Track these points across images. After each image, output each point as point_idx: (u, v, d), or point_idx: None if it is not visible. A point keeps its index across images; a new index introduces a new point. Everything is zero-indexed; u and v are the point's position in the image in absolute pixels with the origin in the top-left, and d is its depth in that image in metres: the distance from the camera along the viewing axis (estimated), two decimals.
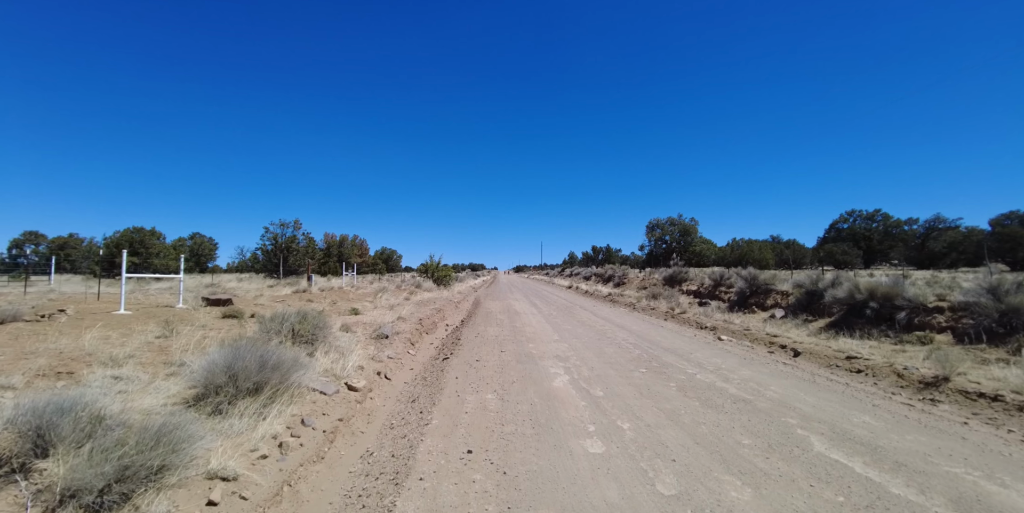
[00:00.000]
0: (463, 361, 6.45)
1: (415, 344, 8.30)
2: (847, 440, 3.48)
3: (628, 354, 7.01)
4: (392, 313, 11.42)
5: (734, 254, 35.37)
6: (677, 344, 8.14)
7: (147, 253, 22.27)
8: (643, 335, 9.17)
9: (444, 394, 4.85)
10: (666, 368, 6.05)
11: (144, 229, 23.09)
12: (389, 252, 68.50)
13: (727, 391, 4.93)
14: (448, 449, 3.33)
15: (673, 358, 6.79)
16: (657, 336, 9.14)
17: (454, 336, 8.93)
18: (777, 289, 14.67)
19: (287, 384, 4.57)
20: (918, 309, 9.26)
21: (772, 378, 5.63)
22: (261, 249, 22.86)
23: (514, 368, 5.93)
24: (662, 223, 38.65)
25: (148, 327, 7.00)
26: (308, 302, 13.37)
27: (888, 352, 7.87)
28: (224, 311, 9.49)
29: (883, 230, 38.06)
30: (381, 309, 12.65)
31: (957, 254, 30.14)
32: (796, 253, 43.37)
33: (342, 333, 8.22)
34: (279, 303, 12.74)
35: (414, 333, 8.93)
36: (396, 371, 6.50)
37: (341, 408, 4.72)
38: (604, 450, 3.30)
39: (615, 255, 67.75)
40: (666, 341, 8.48)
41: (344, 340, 7.57)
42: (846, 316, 10.66)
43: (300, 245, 23.98)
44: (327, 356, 6.29)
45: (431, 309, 12.70)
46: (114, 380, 4.33)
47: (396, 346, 7.80)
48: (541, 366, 6.06)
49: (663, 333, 9.66)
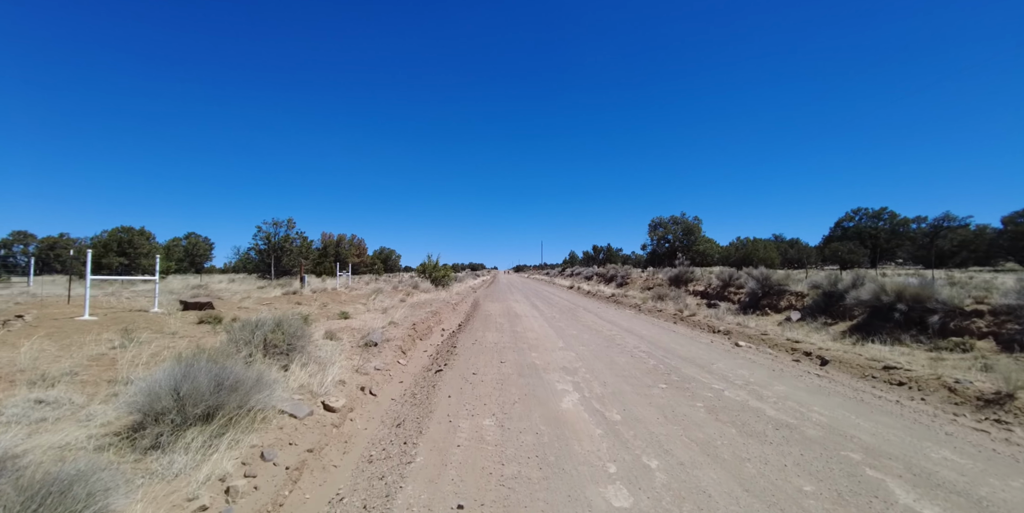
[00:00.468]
0: (458, 374, 5.73)
1: (407, 352, 7.59)
2: (936, 487, 2.77)
3: (642, 365, 6.29)
4: (384, 317, 10.71)
5: (739, 253, 34.64)
6: (694, 352, 7.43)
7: (135, 253, 21.52)
8: (655, 341, 8.46)
9: (434, 418, 4.13)
10: (688, 382, 5.34)
11: (132, 229, 22.29)
12: (388, 252, 67.77)
13: (764, 413, 4.22)
14: (433, 503, 2.62)
15: (693, 369, 6.07)
16: (670, 342, 8.42)
17: (450, 343, 8.22)
18: (791, 290, 13.96)
19: (248, 407, 3.85)
20: (953, 312, 8.54)
21: (811, 395, 4.92)
22: (253, 249, 22.12)
23: (515, 383, 5.22)
24: (665, 222, 37.90)
25: (107, 335, 6.29)
26: (297, 305, 12.67)
27: (926, 361, 7.16)
28: (201, 316, 8.77)
29: (890, 229, 37.34)
30: (373, 312, 11.94)
31: (968, 253, 29.43)
32: (801, 252, 42.67)
33: (326, 341, 7.51)
34: (265, 306, 12.03)
35: (406, 340, 8.21)
36: (383, 385, 5.79)
37: (313, 434, 3.99)
38: (632, 503, 2.58)
39: (616, 254, 67.07)
40: (681, 348, 7.77)
41: (327, 349, 6.86)
42: (870, 319, 9.96)
43: (294, 245, 23.23)
44: (304, 369, 5.58)
45: (426, 312, 11.99)
46: (36, 405, 3.61)
47: (385, 355, 7.09)
48: (546, 381, 5.34)
49: (676, 339, 8.95)
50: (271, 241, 21.94)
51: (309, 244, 24.15)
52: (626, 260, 61.99)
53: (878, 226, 41.33)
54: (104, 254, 20.65)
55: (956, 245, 30.50)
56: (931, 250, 34.25)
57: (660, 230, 37.84)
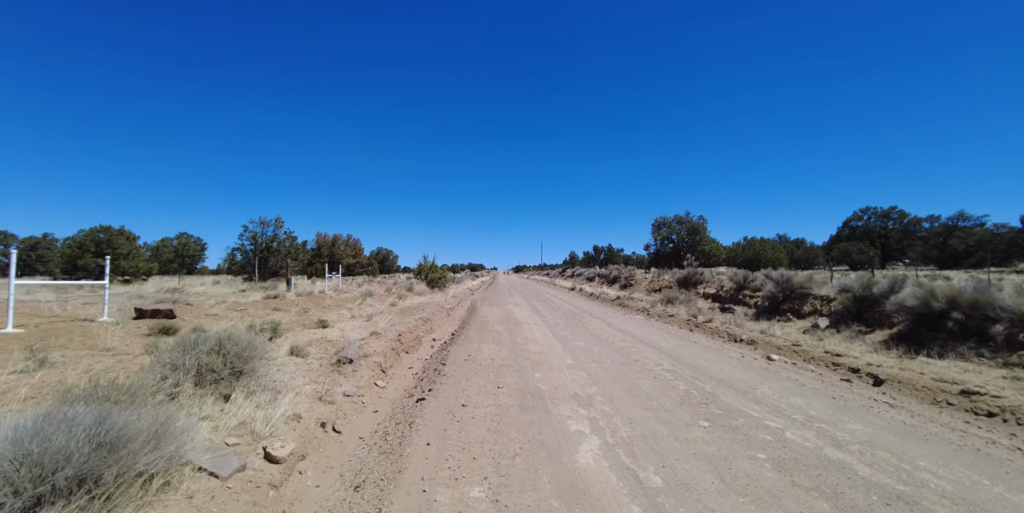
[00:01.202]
0: (443, 406, 4.58)
1: (387, 371, 6.44)
2: None
3: (671, 390, 5.16)
4: (368, 325, 9.56)
5: (746, 253, 33.54)
6: (726, 370, 6.29)
7: (115, 254, 20.31)
8: (677, 355, 7.32)
9: (402, 483, 2.99)
10: (735, 417, 4.20)
11: (111, 228, 21.03)
12: (385, 252, 66.65)
13: (855, 471, 3.09)
14: None
15: (734, 396, 4.94)
16: (694, 356, 7.29)
17: (439, 358, 7.08)
18: (815, 293, 12.83)
19: (138, 471, 2.71)
20: (1020, 322, 7.43)
21: (901, 438, 3.78)
22: (239, 250, 20.94)
23: (516, 421, 4.07)
24: (669, 221, 36.75)
25: (18, 355, 5.14)
26: (274, 310, 11.52)
27: (1004, 382, 6.03)
28: (154, 326, 7.62)
29: (901, 228, 36.25)
30: (358, 319, 10.80)
31: (985, 253, 28.32)
32: (808, 253, 41.57)
33: (291, 358, 6.36)
34: (238, 312, 10.89)
35: (389, 354, 7.07)
36: (352, 417, 4.65)
37: (238, 505, 2.85)
38: None
39: (617, 255, 66.00)
40: (710, 365, 6.63)
41: (289, 370, 5.72)
42: (915, 328, 8.83)
43: (283, 245, 22.04)
44: (251, 400, 4.45)
45: (417, 319, 10.84)
46: None
47: (360, 375, 5.94)
48: (556, 417, 4.20)
49: (699, 352, 7.81)
50: (257, 241, 20.76)
51: (299, 245, 22.99)
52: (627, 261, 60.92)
53: (887, 226, 40.27)
54: (80, 255, 19.46)
55: (972, 245, 29.39)
56: (945, 250, 33.18)
57: (664, 230, 36.68)
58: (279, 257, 21.32)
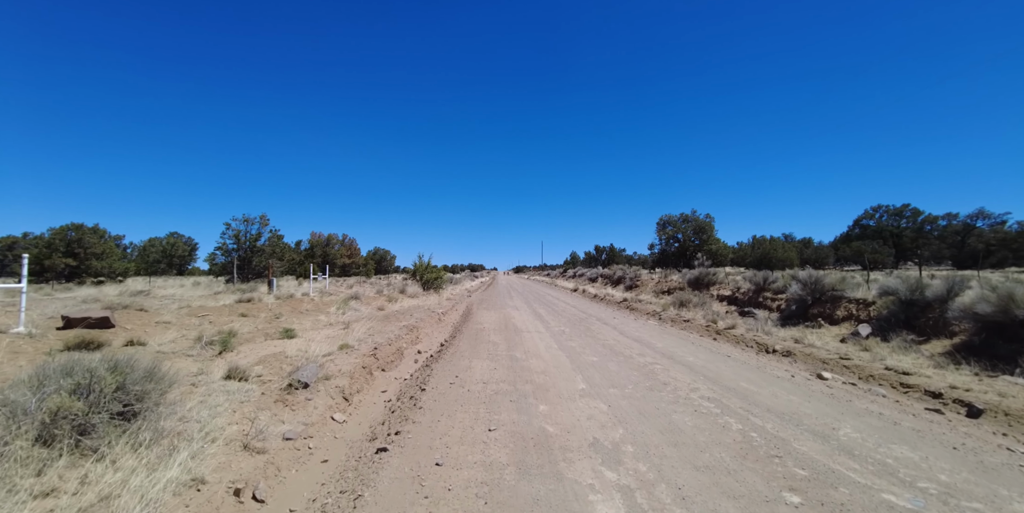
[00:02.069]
0: (408, 468, 3.24)
1: (351, 398, 5.09)
2: None
3: (724, 433, 3.82)
4: (344, 335, 8.22)
5: (755, 253, 32.18)
6: (781, 397, 4.95)
7: (86, 254, 18.94)
8: (713, 375, 5.98)
9: None
10: (832, 485, 2.88)
11: (84, 226, 19.56)
12: (382, 252, 65.29)
13: None
14: None
15: (812, 443, 3.60)
16: (733, 375, 5.95)
17: (419, 380, 5.74)
18: (849, 296, 11.49)
19: None
20: None
21: None
22: (221, 249, 19.57)
23: (513, 502, 2.73)
24: (674, 220, 35.37)
25: None
26: (240, 317, 10.20)
27: None
28: (76, 339, 6.29)
29: (917, 227, 34.88)
30: (335, 327, 9.47)
31: (1007, 252, 26.99)
32: (818, 252, 40.21)
33: (228, 383, 5.02)
34: (197, 319, 9.55)
35: (358, 374, 5.72)
36: (288, 474, 3.32)
37: None
38: None
39: (619, 255, 64.65)
40: (758, 389, 5.29)
41: (216, 401, 4.38)
42: (988, 339, 7.51)
43: (267, 243, 20.68)
44: (136, 455, 3.13)
45: (402, 326, 9.50)
46: None
47: (314, 406, 4.61)
48: (572, 488, 2.86)
49: (736, 369, 6.47)
50: (240, 240, 19.39)
51: (285, 244, 21.60)
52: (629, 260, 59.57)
53: (900, 224, 38.92)
54: (47, 255, 18.06)
55: (993, 243, 28.04)
56: (963, 249, 31.83)
57: (669, 229, 35.28)
58: (263, 257, 19.97)
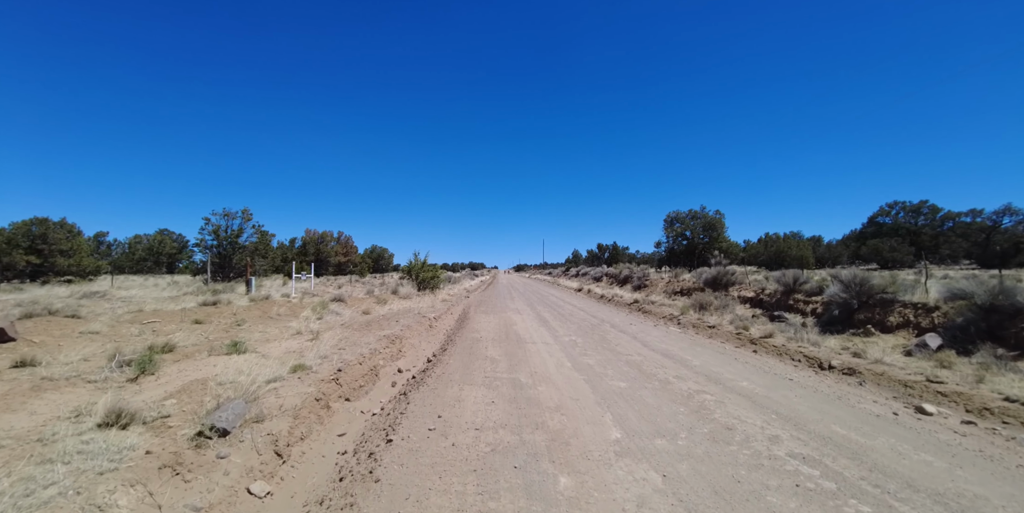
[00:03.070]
0: None
1: (286, 454, 3.56)
2: None
3: None
4: (308, 348, 6.69)
5: (768, 251, 30.62)
6: (907, 454, 3.42)
7: (51, 250, 17.45)
8: (788, 412, 4.43)
9: None
10: None
11: (49, 220, 18.02)
12: (380, 251, 63.74)
13: None
14: None
15: None
16: (816, 414, 4.40)
17: (387, 424, 4.19)
18: (904, 300, 9.94)
19: None
20: None
21: None
22: (200, 245, 18.08)
23: None
24: (682, 216, 33.77)
25: None
26: (194, 324, 8.67)
27: None
28: None
29: (936, 224, 33.26)
30: (302, 337, 7.94)
31: None
32: (831, 251, 38.63)
33: (102, 433, 3.50)
34: (140, 326, 8.02)
35: (306, 412, 4.20)
36: None
37: None
38: None
39: (622, 253, 63.06)
40: (865, 439, 3.74)
41: (56, 474, 2.86)
42: None
43: (251, 241, 19.17)
44: None
45: (383, 336, 7.96)
46: None
47: (225, 471, 3.08)
48: None
49: (811, 400, 4.92)
50: (219, 236, 17.87)
51: (269, 239, 20.09)
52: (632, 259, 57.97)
53: (918, 222, 37.32)
54: (7, 251, 16.57)
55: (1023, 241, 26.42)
56: (988, 247, 30.23)
57: (677, 226, 33.69)
58: (244, 254, 18.44)
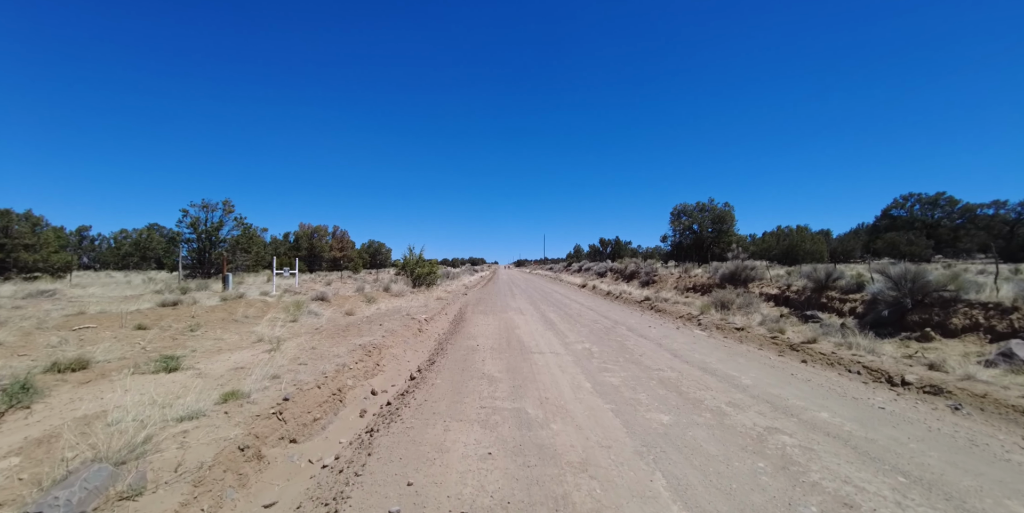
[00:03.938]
0: None
1: None
2: None
3: None
4: (265, 360, 5.35)
5: (781, 245, 29.21)
6: None
7: (13, 245, 16.14)
8: (913, 469, 3.09)
9: None
10: None
11: (11, 212, 16.67)
12: (377, 246, 62.35)
13: None
14: None
15: None
16: (953, 472, 3.06)
17: (343, 477, 2.84)
18: (970, 300, 8.58)
19: None
20: None
21: None
22: (175, 238, 16.66)
23: None
24: (690, 209, 32.39)
25: None
26: (136, 330, 7.34)
27: None
28: None
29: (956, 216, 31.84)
30: (262, 345, 6.60)
31: None
32: (844, 244, 37.21)
33: None
34: (72, 333, 6.68)
35: (218, 471, 2.87)
36: None
37: None
38: None
39: (625, 248, 61.64)
40: None
41: None
42: None
43: (234, 234, 17.82)
44: None
45: (360, 344, 6.61)
46: None
47: None
48: None
49: (929, 444, 3.57)
50: (197, 229, 16.54)
51: (253, 234, 18.72)
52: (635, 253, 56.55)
53: (934, 214, 35.89)
54: None
55: None
56: (1012, 241, 28.84)
57: (685, 219, 32.31)
58: (225, 249, 17.09)
